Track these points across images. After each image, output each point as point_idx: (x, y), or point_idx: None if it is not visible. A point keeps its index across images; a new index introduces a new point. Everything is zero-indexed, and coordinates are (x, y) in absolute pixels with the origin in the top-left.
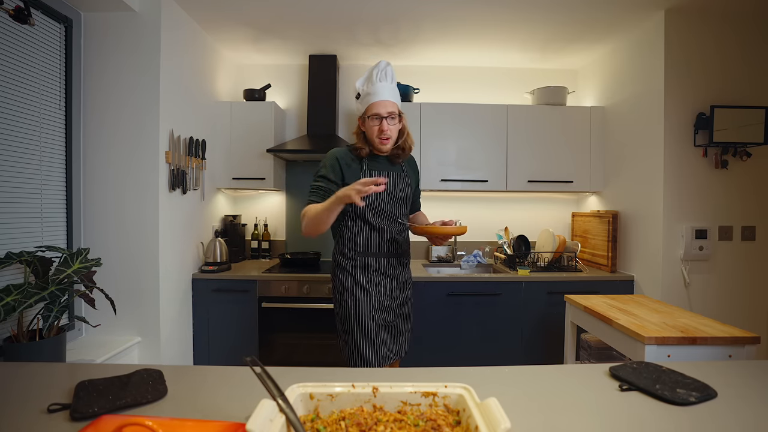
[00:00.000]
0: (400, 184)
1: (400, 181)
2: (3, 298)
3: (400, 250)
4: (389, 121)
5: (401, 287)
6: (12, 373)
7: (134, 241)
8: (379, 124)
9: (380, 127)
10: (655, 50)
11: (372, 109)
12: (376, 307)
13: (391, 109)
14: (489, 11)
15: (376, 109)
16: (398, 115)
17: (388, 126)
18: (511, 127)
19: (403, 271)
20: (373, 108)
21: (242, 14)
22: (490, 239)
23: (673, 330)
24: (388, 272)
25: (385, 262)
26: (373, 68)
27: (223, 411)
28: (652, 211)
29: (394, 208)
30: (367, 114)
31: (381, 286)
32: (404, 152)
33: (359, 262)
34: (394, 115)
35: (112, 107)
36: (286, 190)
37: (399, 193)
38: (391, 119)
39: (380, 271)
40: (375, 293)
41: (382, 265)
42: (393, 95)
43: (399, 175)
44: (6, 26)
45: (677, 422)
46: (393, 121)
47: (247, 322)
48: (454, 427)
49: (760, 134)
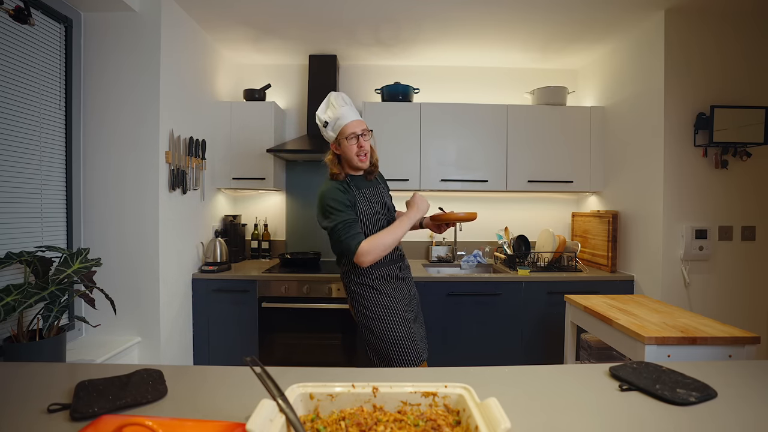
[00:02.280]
0: (387, 195)
1: (385, 192)
2: (3, 298)
3: (401, 254)
4: (364, 138)
5: (411, 286)
6: (12, 373)
7: (134, 241)
8: (357, 142)
9: (359, 144)
10: (655, 50)
11: (348, 129)
12: (404, 308)
13: (363, 127)
14: (489, 11)
15: (352, 128)
16: (370, 132)
17: (364, 142)
18: (511, 127)
19: (407, 272)
20: (349, 128)
21: (242, 14)
22: (490, 239)
23: (673, 330)
24: (399, 275)
25: (395, 267)
26: (328, 98)
27: (223, 411)
28: (652, 211)
29: (390, 218)
30: (343, 136)
31: (399, 289)
32: (376, 167)
33: (377, 274)
34: (367, 132)
35: (112, 107)
36: (286, 190)
37: (389, 203)
38: (364, 136)
39: (394, 276)
40: (398, 297)
41: (394, 270)
42: (358, 116)
43: (381, 188)
44: (6, 26)
45: (677, 422)
46: (366, 138)
47: (247, 322)
48: (454, 427)
49: (760, 134)
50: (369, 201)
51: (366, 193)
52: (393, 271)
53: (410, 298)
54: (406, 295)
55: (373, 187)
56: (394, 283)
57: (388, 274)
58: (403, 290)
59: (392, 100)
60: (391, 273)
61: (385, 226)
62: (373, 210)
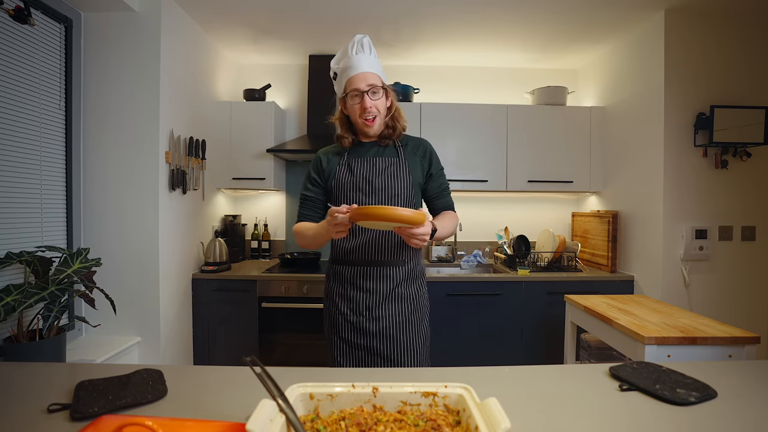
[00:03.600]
0: (390, 170)
1: (391, 166)
2: (3, 298)
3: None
4: (371, 96)
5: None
6: (12, 373)
7: (134, 241)
8: (361, 101)
9: (362, 104)
10: (655, 50)
11: (351, 84)
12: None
13: (372, 81)
14: (489, 11)
15: (354, 83)
16: (383, 90)
17: (372, 102)
18: (511, 127)
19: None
20: (352, 83)
21: (242, 14)
22: (490, 239)
23: (673, 330)
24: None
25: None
26: (348, 43)
27: (223, 411)
28: (652, 211)
29: (386, 202)
30: (346, 91)
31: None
32: (395, 132)
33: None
34: (377, 89)
35: (112, 107)
36: (286, 190)
37: (390, 182)
38: (374, 93)
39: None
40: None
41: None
42: (373, 67)
43: (392, 162)
44: (6, 26)
45: (677, 422)
46: (376, 96)
47: (247, 322)
48: (454, 427)
49: (760, 134)
50: (353, 173)
51: (363, 161)
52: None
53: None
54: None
55: (382, 155)
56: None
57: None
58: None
59: None
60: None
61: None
62: (352, 184)
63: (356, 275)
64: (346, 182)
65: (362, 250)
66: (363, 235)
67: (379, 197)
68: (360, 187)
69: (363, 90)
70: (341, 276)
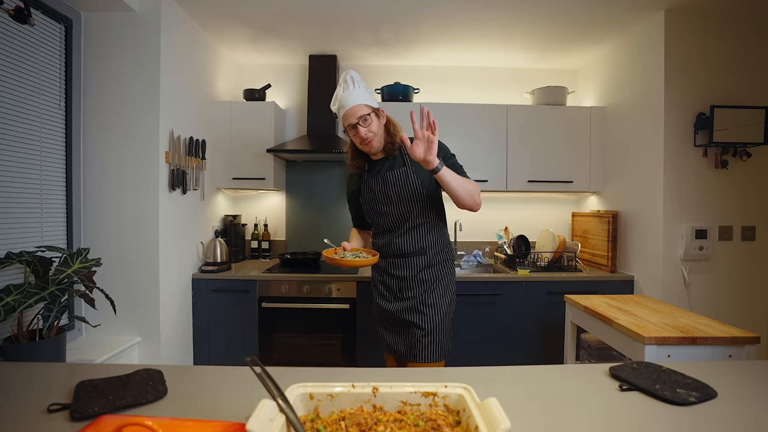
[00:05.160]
0: (400, 181)
1: (400, 177)
2: (3, 298)
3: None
4: (363, 125)
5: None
6: (12, 373)
7: (134, 241)
8: (356, 132)
9: (358, 135)
10: (655, 50)
11: (345, 121)
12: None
13: (361, 113)
14: (489, 12)
15: (347, 120)
16: (373, 114)
17: (365, 129)
18: (511, 127)
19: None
20: (345, 119)
21: (242, 14)
22: (490, 239)
23: (673, 330)
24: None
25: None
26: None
27: (223, 411)
28: (652, 211)
29: (403, 209)
30: (344, 127)
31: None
32: (393, 146)
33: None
34: (367, 117)
35: (112, 107)
36: (286, 190)
37: (402, 192)
38: (364, 121)
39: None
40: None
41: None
42: (359, 98)
43: (401, 173)
44: (6, 26)
45: (677, 422)
46: (367, 122)
47: (247, 322)
48: (454, 427)
49: (760, 134)
50: (372, 191)
51: (377, 180)
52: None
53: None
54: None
55: (391, 170)
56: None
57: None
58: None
59: (392, 100)
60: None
61: (380, 217)
62: (372, 199)
63: (387, 265)
64: (367, 200)
65: (388, 246)
66: (385, 236)
67: (396, 207)
68: (379, 200)
69: (354, 123)
70: (377, 266)
